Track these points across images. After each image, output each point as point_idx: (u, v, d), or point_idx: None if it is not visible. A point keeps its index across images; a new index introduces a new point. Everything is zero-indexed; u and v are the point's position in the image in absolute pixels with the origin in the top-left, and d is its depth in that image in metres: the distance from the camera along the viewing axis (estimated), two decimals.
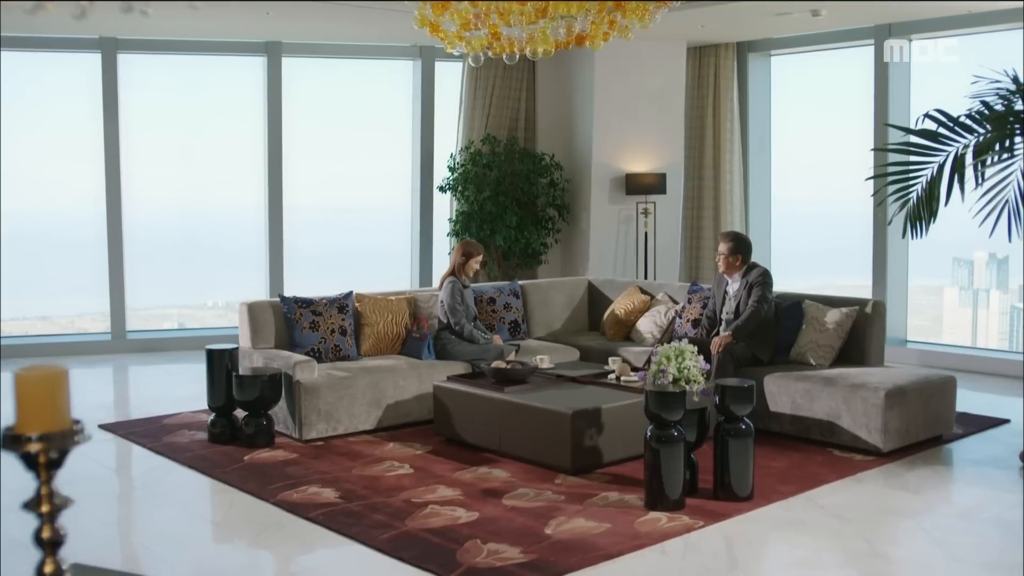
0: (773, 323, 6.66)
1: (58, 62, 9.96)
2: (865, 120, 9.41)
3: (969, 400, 7.17)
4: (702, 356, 5.12)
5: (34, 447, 1.71)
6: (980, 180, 5.88)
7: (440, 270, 9.48)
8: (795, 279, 9.74)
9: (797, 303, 6.82)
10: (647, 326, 7.55)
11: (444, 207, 10.65)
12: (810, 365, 6.53)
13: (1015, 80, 5.83)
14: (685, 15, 8.48)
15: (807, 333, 6.65)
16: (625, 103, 10.23)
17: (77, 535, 4.40)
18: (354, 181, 10.86)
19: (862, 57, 9.49)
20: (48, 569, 1.76)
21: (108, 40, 9.70)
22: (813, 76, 10.61)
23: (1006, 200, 5.80)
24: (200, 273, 10.56)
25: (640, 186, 10.10)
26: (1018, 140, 5.81)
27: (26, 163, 9.77)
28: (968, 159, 5.86)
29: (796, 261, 10.59)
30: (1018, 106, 5.82)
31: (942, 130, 6.01)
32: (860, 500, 5.15)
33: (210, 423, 6.36)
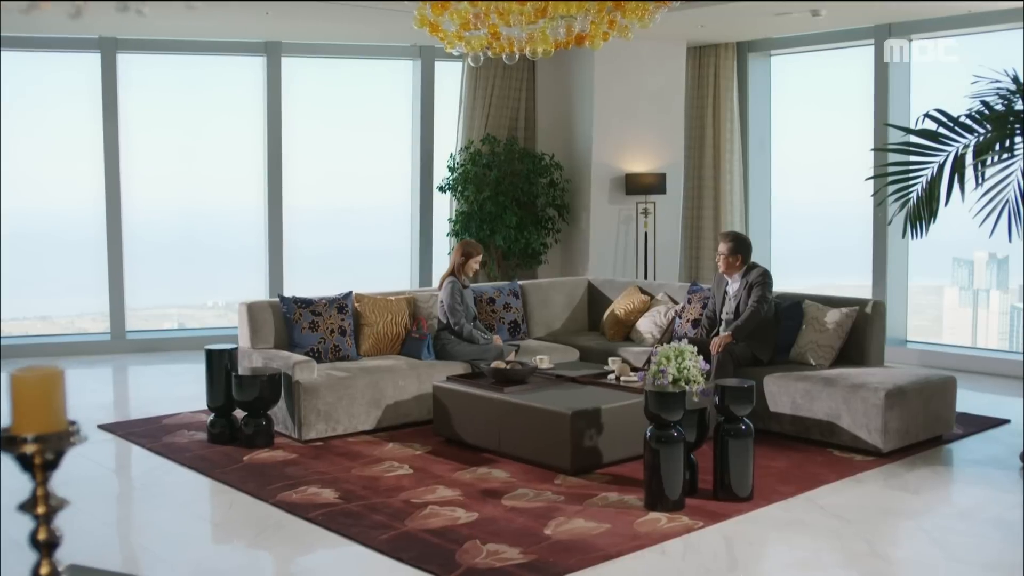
0: (773, 323, 6.65)
1: (58, 62, 9.95)
2: (865, 120, 9.40)
3: (969, 400, 7.16)
4: (702, 356, 5.12)
5: (30, 448, 1.71)
6: (980, 180, 5.88)
7: (440, 270, 9.46)
8: (795, 279, 9.74)
9: (797, 303, 6.82)
10: (647, 326, 7.54)
11: (444, 207, 10.65)
12: (810, 365, 6.52)
13: (1015, 80, 5.83)
14: (685, 15, 8.47)
15: (807, 333, 6.64)
16: (625, 103, 10.22)
17: (76, 535, 4.39)
18: (354, 181, 10.86)
19: (862, 57, 9.48)
20: (44, 571, 1.75)
21: (108, 40, 9.69)
22: (813, 76, 10.60)
23: (1006, 200, 5.79)
24: (200, 273, 10.55)
25: (640, 186, 10.09)
26: (1018, 140, 5.81)
27: (26, 163, 9.76)
28: (968, 159, 5.85)
29: (796, 261, 10.59)
30: (1018, 106, 5.81)
31: (942, 130, 6.01)
32: (860, 500, 5.15)
33: (209, 423, 6.36)
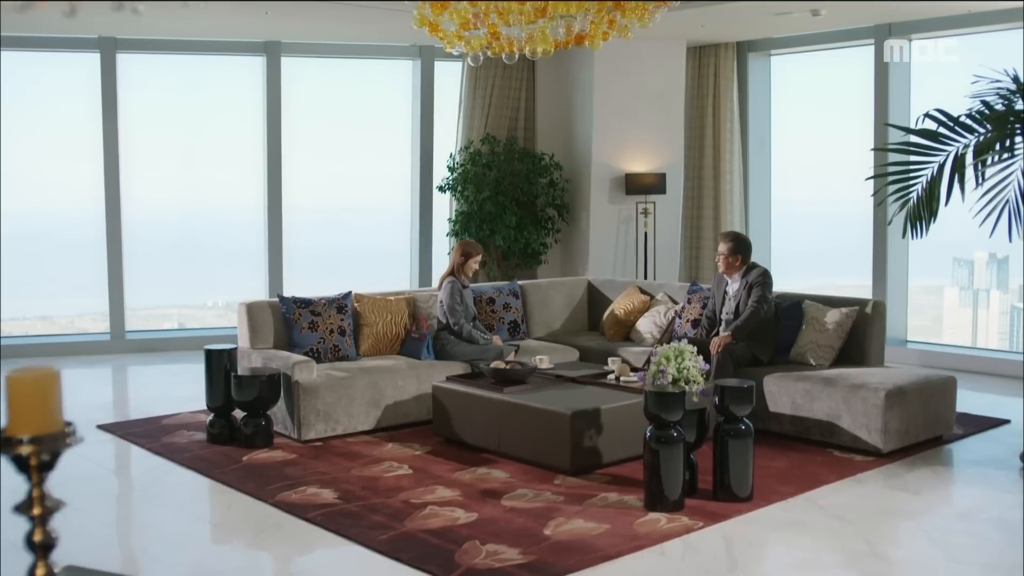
0: (773, 323, 6.64)
1: (57, 62, 9.95)
2: (865, 120, 9.39)
3: (969, 400, 7.15)
4: (701, 356, 5.11)
5: (25, 449, 1.70)
6: (980, 180, 5.87)
7: (439, 270, 9.45)
8: (795, 279, 9.73)
9: (797, 303, 6.81)
10: (647, 326, 7.54)
11: (443, 207, 10.64)
12: (810, 365, 6.51)
13: (1015, 80, 5.82)
14: (685, 15, 8.47)
15: (807, 333, 6.63)
16: (625, 103, 10.21)
17: (75, 536, 4.39)
18: (354, 181, 10.85)
19: (862, 57, 9.47)
20: (40, 573, 1.74)
21: (107, 40, 9.68)
22: (813, 76, 10.59)
23: (1006, 200, 5.79)
24: (200, 273, 10.55)
25: (640, 186, 10.08)
26: (1018, 140, 5.80)
27: (26, 163, 9.76)
28: (968, 159, 5.84)
29: (796, 261, 10.58)
30: (1018, 106, 5.81)
31: (942, 130, 6.00)
32: (860, 501, 5.14)
33: (209, 423, 6.35)
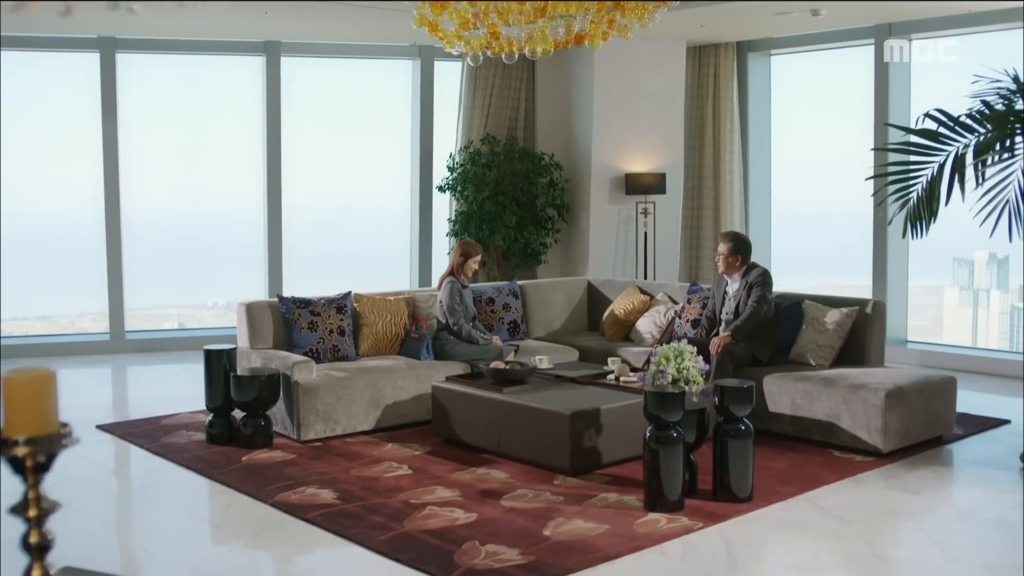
0: (773, 323, 6.64)
1: (57, 62, 9.94)
2: (865, 120, 9.39)
3: (969, 400, 7.15)
4: (701, 356, 5.10)
5: (21, 451, 1.70)
6: (980, 180, 5.87)
7: (439, 270, 9.45)
8: (795, 279, 9.73)
9: (797, 303, 6.80)
10: (646, 326, 7.53)
11: (443, 207, 10.64)
12: (810, 365, 6.51)
13: (1015, 80, 5.81)
14: (685, 15, 8.46)
15: (807, 333, 6.63)
16: (625, 103, 10.21)
17: (74, 536, 4.39)
18: (353, 181, 10.85)
19: (862, 57, 9.47)
20: (36, 574, 1.74)
21: (107, 40, 9.68)
22: (813, 76, 10.59)
23: (1006, 200, 5.78)
24: (200, 273, 10.55)
25: (640, 186, 10.08)
26: (1019, 140, 5.79)
27: (26, 163, 9.75)
28: (968, 159, 5.84)
29: (796, 261, 10.58)
30: (1019, 105, 5.80)
31: (942, 130, 6.00)
32: (860, 501, 5.14)
33: (208, 424, 6.34)
